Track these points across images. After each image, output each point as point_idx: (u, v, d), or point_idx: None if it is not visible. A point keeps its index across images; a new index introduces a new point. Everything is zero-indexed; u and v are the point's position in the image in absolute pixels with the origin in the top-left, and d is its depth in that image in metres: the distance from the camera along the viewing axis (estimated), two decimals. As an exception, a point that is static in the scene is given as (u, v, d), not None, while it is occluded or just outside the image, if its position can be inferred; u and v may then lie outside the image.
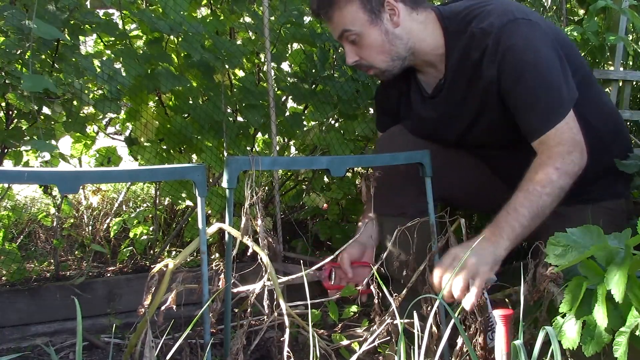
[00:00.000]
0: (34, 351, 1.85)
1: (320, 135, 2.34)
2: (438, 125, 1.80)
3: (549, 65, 1.57)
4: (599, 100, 1.77)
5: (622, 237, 1.17)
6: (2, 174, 1.33)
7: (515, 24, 1.58)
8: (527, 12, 1.66)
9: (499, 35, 1.57)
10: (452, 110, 1.75)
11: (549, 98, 1.56)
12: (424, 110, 1.82)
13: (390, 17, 1.66)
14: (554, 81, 1.56)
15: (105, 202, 2.75)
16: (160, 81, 1.96)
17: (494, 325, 1.53)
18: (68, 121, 1.98)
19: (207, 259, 1.45)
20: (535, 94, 1.57)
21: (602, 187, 1.75)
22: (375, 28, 1.66)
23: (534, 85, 1.56)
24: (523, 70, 1.56)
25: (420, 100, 1.82)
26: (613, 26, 2.68)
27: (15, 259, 2.10)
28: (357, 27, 1.66)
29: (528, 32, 1.57)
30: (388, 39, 1.67)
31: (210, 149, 2.18)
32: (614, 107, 1.92)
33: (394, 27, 1.66)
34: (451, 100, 1.74)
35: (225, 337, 1.55)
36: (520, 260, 1.46)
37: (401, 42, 1.68)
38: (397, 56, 1.70)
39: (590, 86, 1.73)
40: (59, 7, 1.80)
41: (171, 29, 1.93)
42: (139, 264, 2.33)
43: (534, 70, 1.56)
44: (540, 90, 1.56)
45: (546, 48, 1.58)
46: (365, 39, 1.67)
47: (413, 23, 1.68)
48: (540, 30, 1.59)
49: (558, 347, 1.07)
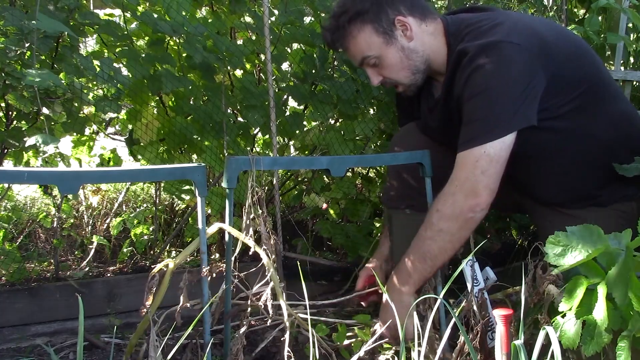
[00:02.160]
0: (34, 351, 1.85)
1: (320, 135, 2.34)
2: (439, 133, 1.85)
3: (504, 92, 1.56)
4: (607, 109, 1.73)
5: (623, 238, 1.16)
6: (2, 174, 1.33)
7: (495, 47, 1.57)
8: (525, 33, 1.61)
9: (474, 55, 1.58)
10: (446, 123, 1.79)
11: (481, 122, 1.57)
12: (429, 119, 1.87)
13: (404, 33, 1.69)
14: (496, 109, 1.56)
15: (105, 202, 2.75)
16: (162, 82, 1.96)
17: (494, 325, 1.53)
18: (68, 121, 1.98)
19: (207, 259, 1.45)
20: (475, 114, 1.59)
21: (613, 191, 1.76)
22: (392, 47, 1.70)
23: (478, 106, 1.58)
24: (478, 91, 1.58)
25: (427, 109, 1.87)
26: (613, 26, 2.68)
27: (15, 259, 2.10)
28: (375, 51, 1.70)
29: (505, 56, 1.56)
30: (405, 54, 1.71)
31: (210, 149, 2.18)
32: (631, 112, 1.83)
33: (408, 41, 1.70)
34: (443, 113, 1.78)
35: (225, 337, 1.55)
36: (520, 260, 1.47)
37: (417, 55, 1.72)
38: (416, 69, 1.74)
39: (596, 95, 1.70)
40: (59, 8, 1.80)
41: (173, 30, 1.93)
42: (139, 264, 2.34)
43: (486, 92, 1.57)
44: (480, 112, 1.58)
45: (516, 73, 1.56)
46: (384, 60, 1.71)
47: (424, 35, 1.71)
48: (521, 55, 1.56)
49: (558, 347, 1.07)
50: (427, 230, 1.62)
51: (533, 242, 1.45)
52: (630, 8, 2.58)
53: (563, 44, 1.69)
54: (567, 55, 1.67)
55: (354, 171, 2.58)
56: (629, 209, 1.76)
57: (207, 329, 1.44)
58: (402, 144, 1.92)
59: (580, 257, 1.15)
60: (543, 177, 1.73)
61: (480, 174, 1.56)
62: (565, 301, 1.20)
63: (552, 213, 1.76)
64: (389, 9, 1.67)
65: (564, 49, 1.68)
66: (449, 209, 1.59)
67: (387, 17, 1.67)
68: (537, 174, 1.72)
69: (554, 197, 1.76)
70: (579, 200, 1.75)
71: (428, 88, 1.85)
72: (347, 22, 1.69)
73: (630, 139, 1.78)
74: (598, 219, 1.51)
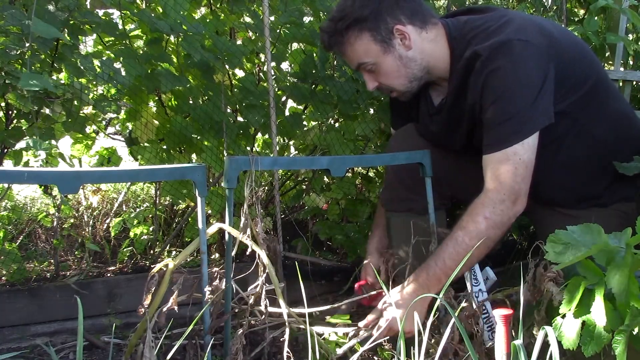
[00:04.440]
0: (34, 351, 1.85)
1: (320, 135, 2.34)
2: (441, 137, 1.85)
3: (524, 91, 1.56)
4: (607, 109, 1.75)
5: (622, 237, 1.17)
6: (2, 174, 1.33)
7: (506, 46, 1.57)
8: (532, 30, 1.62)
9: (487, 58, 1.58)
10: (451, 128, 1.79)
11: (509, 123, 1.57)
12: (430, 123, 1.86)
13: (402, 42, 1.68)
14: (520, 108, 1.56)
15: (105, 202, 2.75)
16: (160, 81, 1.96)
17: (494, 325, 1.53)
18: (68, 121, 1.98)
19: (207, 259, 1.45)
20: (499, 117, 1.58)
21: (614, 191, 1.76)
22: (389, 55, 1.68)
23: (501, 108, 1.58)
24: (499, 92, 1.57)
25: (427, 114, 1.86)
26: (613, 26, 2.68)
27: (15, 259, 2.10)
28: (372, 58, 1.69)
29: (518, 54, 1.56)
30: (403, 63, 1.70)
31: (210, 149, 2.18)
32: (629, 112, 1.84)
33: (406, 50, 1.68)
34: (450, 118, 1.77)
35: (225, 337, 1.55)
36: (520, 260, 1.47)
37: (415, 64, 1.70)
38: (413, 77, 1.73)
39: (597, 95, 1.71)
40: (59, 8, 1.80)
41: (171, 29, 1.93)
42: (139, 264, 2.33)
43: (507, 93, 1.57)
44: (504, 114, 1.57)
45: (532, 71, 1.56)
46: (381, 67, 1.70)
47: (424, 43, 1.70)
48: (532, 52, 1.57)
49: (557, 347, 1.07)
50: (473, 239, 1.56)
51: (533, 242, 1.45)
52: (629, 8, 2.58)
53: (568, 43, 1.69)
54: (572, 55, 1.68)
55: (354, 171, 2.58)
56: (629, 210, 1.76)
57: (207, 329, 1.44)
58: (402, 144, 1.91)
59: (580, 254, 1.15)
60: (544, 177, 1.74)
61: (521, 181, 1.58)
62: (565, 303, 1.20)
63: (552, 214, 1.76)
64: (389, 18, 1.65)
65: (569, 49, 1.68)
66: (498, 217, 1.58)
67: (386, 25, 1.65)
68: (538, 174, 1.73)
69: (555, 197, 1.76)
70: (580, 200, 1.75)
71: (426, 92, 1.84)
72: (345, 28, 1.67)
73: (629, 139, 1.78)
74: (599, 219, 1.52)
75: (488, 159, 1.61)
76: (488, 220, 1.57)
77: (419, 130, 1.92)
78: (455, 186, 1.92)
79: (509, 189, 1.57)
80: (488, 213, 1.57)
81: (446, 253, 1.59)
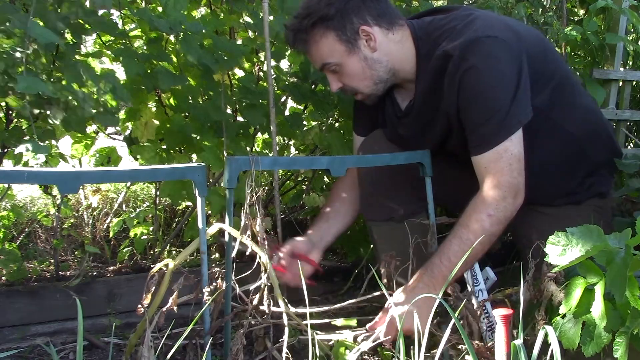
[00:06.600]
0: (34, 351, 1.85)
1: (320, 135, 2.34)
2: (411, 141, 1.81)
3: (503, 87, 1.56)
4: (575, 104, 1.76)
5: (622, 237, 1.17)
6: (2, 174, 1.33)
7: (476, 44, 1.56)
8: (498, 26, 1.62)
9: (459, 57, 1.57)
10: (422, 130, 1.77)
11: (493, 121, 1.56)
12: (398, 126, 1.84)
13: (367, 43, 1.66)
14: (502, 105, 1.56)
15: (105, 202, 2.75)
16: (159, 80, 1.95)
17: (494, 325, 1.53)
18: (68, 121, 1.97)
19: (207, 259, 1.45)
20: (483, 116, 1.58)
21: (586, 188, 1.78)
22: (354, 56, 1.66)
23: (484, 107, 1.57)
24: (477, 92, 1.56)
25: (395, 117, 1.84)
26: (613, 26, 2.68)
27: (15, 259, 2.10)
28: (336, 59, 1.67)
29: (489, 51, 1.55)
30: (368, 64, 1.68)
31: (210, 148, 2.18)
32: (594, 108, 1.87)
33: (371, 52, 1.67)
34: (420, 121, 1.75)
35: (225, 337, 1.55)
36: (520, 260, 1.47)
37: (381, 66, 1.69)
38: (379, 79, 1.71)
39: (564, 91, 1.72)
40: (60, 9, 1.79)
41: (170, 28, 1.92)
42: (139, 264, 2.33)
43: (486, 92, 1.56)
44: (487, 112, 1.57)
45: (506, 67, 1.56)
46: (345, 68, 1.68)
47: (390, 44, 1.68)
48: (503, 47, 1.56)
49: (558, 347, 1.07)
50: (478, 236, 1.54)
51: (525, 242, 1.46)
52: (629, 8, 2.58)
53: (533, 39, 1.70)
54: (538, 50, 1.68)
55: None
56: (603, 205, 1.79)
57: (207, 329, 1.44)
58: (373, 150, 1.87)
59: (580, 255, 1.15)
60: None
61: (517, 175, 1.58)
62: (565, 303, 1.20)
63: (527, 212, 1.71)
64: (355, 18, 1.63)
65: (535, 44, 1.68)
66: (502, 213, 1.58)
67: (351, 25, 1.63)
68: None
69: (530, 194, 1.69)
70: (555, 197, 1.75)
71: (391, 95, 1.82)
72: (310, 26, 1.64)
73: (597, 133, 1.80)
74: (575, 216, 1.54)
75: (480, 160, 1.60)
76: (492, 217, 1.57)
77: (387, 134, 1.88)
78: (436, 192, 1.84)
79: (508, 185, 1.57)
80: (492, 210, 1.57)
81: (451, 251, 1.58)
